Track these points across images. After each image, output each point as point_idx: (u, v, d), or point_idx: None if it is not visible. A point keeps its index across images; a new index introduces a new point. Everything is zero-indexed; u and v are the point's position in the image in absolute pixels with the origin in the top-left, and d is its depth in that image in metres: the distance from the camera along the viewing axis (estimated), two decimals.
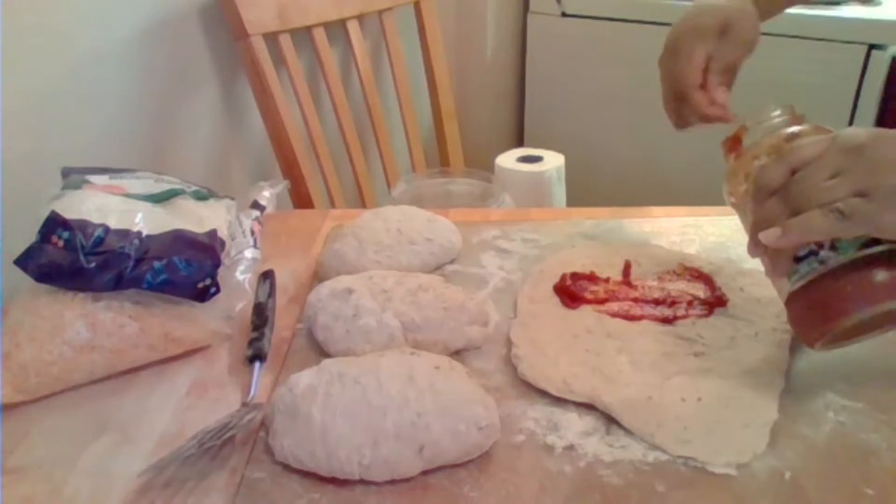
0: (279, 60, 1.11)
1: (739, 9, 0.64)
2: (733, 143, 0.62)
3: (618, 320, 0.63)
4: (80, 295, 0.58)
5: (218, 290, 0.62)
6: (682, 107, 0.66)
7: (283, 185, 0.87)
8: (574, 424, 0.52)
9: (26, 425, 0.54)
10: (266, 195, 0.83)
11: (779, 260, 0.51)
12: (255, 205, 0.81)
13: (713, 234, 0.80)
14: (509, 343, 0.61)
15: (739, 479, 0.47)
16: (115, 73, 0.90)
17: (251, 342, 0.61)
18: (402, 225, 0.75)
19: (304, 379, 0.51)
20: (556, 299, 0.67)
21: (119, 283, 0.58)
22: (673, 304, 0.65)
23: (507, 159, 1.28)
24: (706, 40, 0.63)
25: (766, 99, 0.74)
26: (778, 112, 0.61)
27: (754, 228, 0.51)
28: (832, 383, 0.56)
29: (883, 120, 1.35)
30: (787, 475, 0.47)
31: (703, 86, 0.64)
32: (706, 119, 0.66)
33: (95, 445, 0.52)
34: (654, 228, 0.81)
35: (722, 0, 0.65)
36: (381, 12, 1.28)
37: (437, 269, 0.74)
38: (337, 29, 1.22)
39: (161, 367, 0.60)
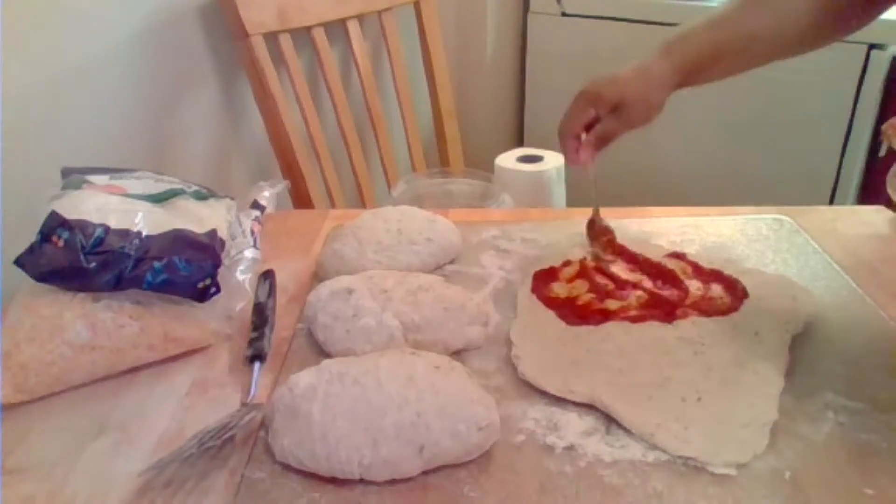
0: (279, 60, 1.10)
1: (641, 93, 0.71)
2: None
3: (618, 321, 0.63)
4: (80, 295, 0.58)
5: (218, 290, 0.62)
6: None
7: (283, 185, 0.87)
8: (574, 424, 0.52)
9: (26, 425, 0.54)
10: (266, 195, 0.83)
11: None
12: (255, 205, 0.81)
13: (713, 234, 0.80)
14: (509, 343, 0.61)
15: (739, 479, 0.47)
16: (116, 73, 0.90)
17: (251, 342, 0.61)
18: (402, 225, 0.75)
19: (304, 379, 0.51)
20: None
21: (119, 283, 0.58)
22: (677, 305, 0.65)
23: (507, 159, 1.28)
24: (599, 108, 0.72)
25: (767, 98, 0.74)
26: None
27: None
28: (832, 383, 0.56)
29: (882, 120, 1.35)
30: (787, 475, 0.47)
31: (580, 135, 0.73)
32: (568, 162, 0.75)
33: (95, 445, 0.52)
34: (654, 228, 0.81)
35: (637, 74, 0.72)
36: (381, 12, 1.28)
37: (437, 269, 0.74)
38: (337, 29, 1.22)
39: (161, 367, 0.60)
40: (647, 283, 0.68)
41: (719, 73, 0.73)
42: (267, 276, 0.71)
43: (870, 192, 1.38)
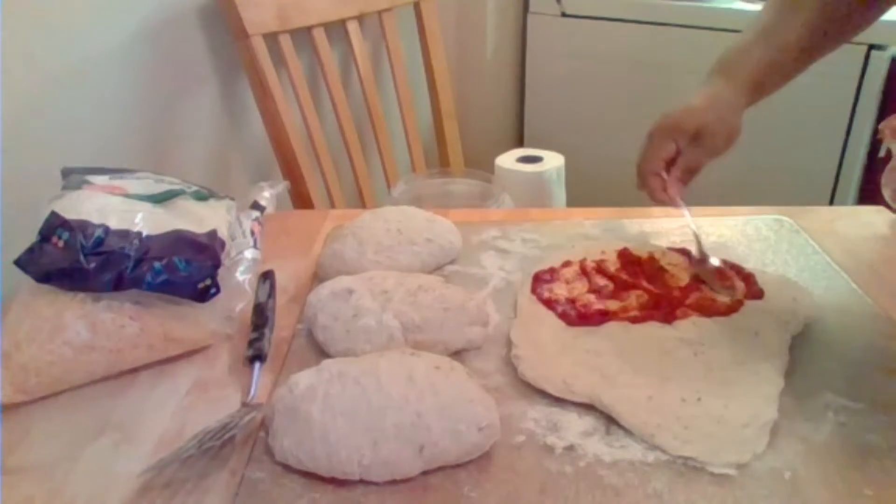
0: (279, 60, 1.10)
1: (719, 119, 0.70)
2: None
3: (618, 321, 0.63)
4: (80, 295, 0.58)
5: (218, 291, 0.62)
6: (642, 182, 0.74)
7: (283, 186, 0.87)
8: (574, 424, 0.52)
9: (26, 425, 0.54)
10: (266, 195, 0.83)
11: None
12: (255, 205, 0.81)
13: (713, 234, 0.80)
14: (509, 343, 0.61)
15: (739, 479, 0.47)
16: (116, 73, 0.90)
17: (251, 342, 0.61)
18: (402, 225, 0.75)
19: (304, 379, 0.51)
20: None
21: (119, 284, 0.58)
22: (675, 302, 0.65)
23: (507, 159, 1.28)
24: (679, 140, 0.71)
25: (767, 98, 0.74)
26: None
27: None
28: (832, 383, 0.56)
29: (882, 120, 1.35)
30: (787, 475, 0.47)
31: (666, 171, 0.72)
32: (655, 201, 0.73)
33: (95, 445, 0.52)
34: (654, 228, 0.81)
35: (709, 100, 0.71)
36: (381, 12, 1.28)
37: (437, 269, 0.74)
38: (337, 29, 1.22)
39: (161, 367, 0.60)
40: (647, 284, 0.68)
41: (779, 83, 0.73)
42: (267, 276, 0.71)
43: (870, 192, 1.38)
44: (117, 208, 0.62)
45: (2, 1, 0.72)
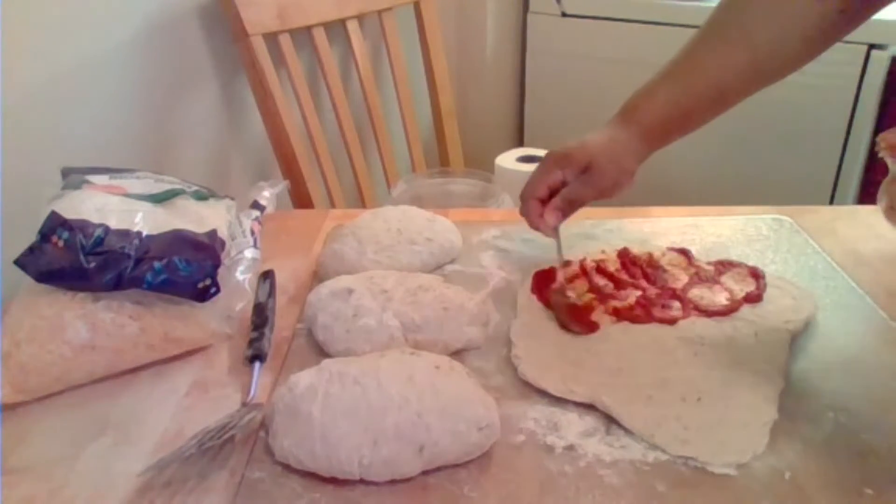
0: (279, 60, 1.10)
1: (612, 160, 0.68)
2: None
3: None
4: (80, 295, 0.58)
5: (218, 290, 0.62)
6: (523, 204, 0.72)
7: (283, 185, 0.87)
8: (574, 424, 0.52)
9: (26, 425, 0.54)
10: (266, 195, 0.83)
11: None
12: (255, 205, 0.81)
13: (713, 234, 0.80)
14: (509, 343, 0.61)
15: (739, 479, 0.47)
16: (116, 73, 0.90)
17: (251, 342, 0.61)
18: (402, 225, 0.75)
19: (304, 379, 0.51)
20: None
21: (119, 283, 0.58)
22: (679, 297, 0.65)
23: (507, 159, 1.28)
24: (567, 171, 0.69)
25: (767, 98, 0.74)
26: None
27: None
28: (832, 383, 0.56)
29: (882, 120, 1.35)
30: (787, 475, 0.47)
31: (545, 201, 0.70)
32: (531, 227, 0.72)
33: (95, 445, 0.52)
34: (654, 228, 0.81)
35: (605, 139, 0.69)
36: (381, 12, 1.28)
37: (437, 269, 0.74)
38: (337, 29, 1.22)
39: (161, 367, 0.60)
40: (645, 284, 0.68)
41: (693, 126, 0.70)
42: (267, 276, 0.71)
43: (870, 192, 1.38)
44: (117, 208, 0.62)
45: (1, 1, 0.72)
